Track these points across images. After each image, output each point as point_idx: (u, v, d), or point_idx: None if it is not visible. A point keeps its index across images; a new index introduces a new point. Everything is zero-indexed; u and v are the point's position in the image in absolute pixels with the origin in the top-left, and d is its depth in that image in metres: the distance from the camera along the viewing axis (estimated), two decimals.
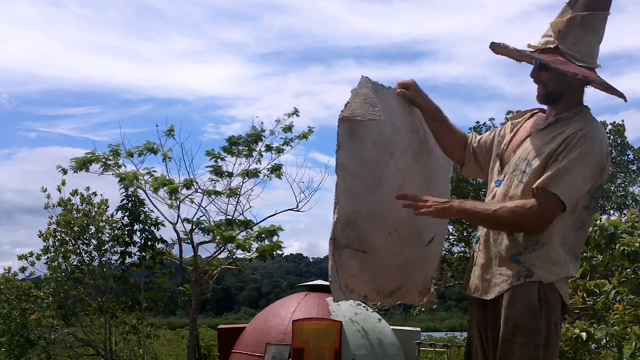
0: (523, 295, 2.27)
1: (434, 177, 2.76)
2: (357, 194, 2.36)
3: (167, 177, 9.67)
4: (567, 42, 2.30)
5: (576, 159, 2.22)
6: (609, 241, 4.19)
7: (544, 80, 2.35)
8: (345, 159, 2.31)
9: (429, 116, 2.65)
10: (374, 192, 2.42)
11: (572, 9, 2.30)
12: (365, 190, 2.39)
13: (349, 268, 2.36)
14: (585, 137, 2.24)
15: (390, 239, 2.52)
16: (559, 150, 2.25)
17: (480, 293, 2.42)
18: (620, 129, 14.70)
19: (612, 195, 13.99)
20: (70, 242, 10.46)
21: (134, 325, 10.75)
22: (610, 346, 4.37)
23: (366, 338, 8.32)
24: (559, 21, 2.32)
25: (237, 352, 8.81)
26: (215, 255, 10.17)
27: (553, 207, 2.22)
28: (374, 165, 2.42)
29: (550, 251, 2.28)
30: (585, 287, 4.73)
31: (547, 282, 2.27)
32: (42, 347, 10.75)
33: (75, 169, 9.49)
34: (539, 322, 2.24)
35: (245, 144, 9.95)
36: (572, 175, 2.21)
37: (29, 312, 10.64)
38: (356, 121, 2.32)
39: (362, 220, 2.37)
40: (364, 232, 2.39)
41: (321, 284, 9.84)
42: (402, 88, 2.60)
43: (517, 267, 2.30)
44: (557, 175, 2.22)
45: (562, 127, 2.30)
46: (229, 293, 56.44)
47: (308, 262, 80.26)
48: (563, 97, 2.35)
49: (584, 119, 2.31)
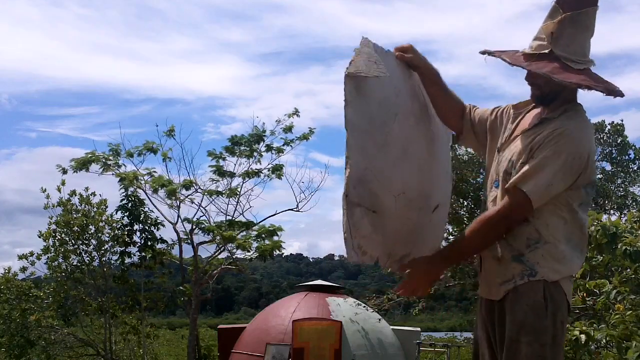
0: (528, 295, 2.27)
1: (434, 143, 2.76)
2: (367, 151, 2.36)
3: (165, 178, 9.67)
4: (561, 44, 2.28)
5: (548, 158, 2.23)
6: (610, 240, 4.17)
7: (539, 83, 2.35)
8: (354, 116, 2.30)
9: (428, 80, 2.64)
10: (383, 152, 2.41)
11: (561, 9, 2.28)
12: (374, 148, 2.38)
13: (361, 228, 2.33)
14: (559, 135, 2.24)
15: (399, 201, 2.50)
16: (534, 150, 2.27)
17: (488, 294, 2.43)
18: (619, 129, 14.69)
19: (612, 195, 13.98)
20: (70, 242, 10.45)
21: (134, 326, 10.74)
22: (611, 347, 4.37)
23: (366, 338, 8.32)
24: (550, 23, 2.30)
25: (237, 352, 8.81)
26: (215, 255, 10.17)
27: (522, 205, 2.25)
28: (380, 125, 2.41)
29: (554, 249, 2.29)
30: (585, 287, 4.73)
31: (552, 280, 2.27)
32: (42, 347, 10.75)
33: (75, 169, 9.49)
34: (545, 321, 2.24)
35: (248, 144, 9.96)
36: (542, 174, 2.23)
37: (29, 312, 10.63)
38: (361, 78, 2.32)
39: (372, 178, 2.37)
40: (375, 191, 2.38)
41: (321, 284, 9.84)
42: (400, 52, 2.59)
43: (520, 266, 2.30)
44: (527, 174, 2.24)
45: (544, 128, 2.31)
46: (229, 293, 56.45)
47: (308, 262, 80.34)
48: (558, 97, 2.35)
49: (567, 118, 2.31)
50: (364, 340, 8.29)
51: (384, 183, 2.43)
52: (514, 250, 2.32)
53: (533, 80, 2.37)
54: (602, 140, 14.71)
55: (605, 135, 14.68)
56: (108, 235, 10.50)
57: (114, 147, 9.75)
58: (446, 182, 2.90)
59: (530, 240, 2.30)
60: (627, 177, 14.82)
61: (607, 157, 14.84)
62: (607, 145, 14.75)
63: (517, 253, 2.32)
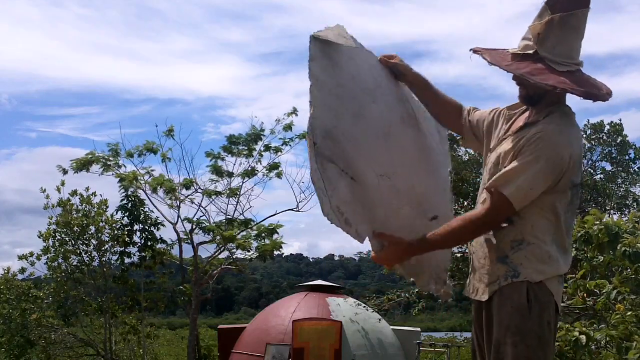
0: (512, 296, 2.27)
1: (430, 156, 2.77)
2: (335, 111, 2.33)
3: (164, 177, 9.67)
4: (547, 45, 2.26)
5: (527, 162, 2.24)
6: (612, 240, 4.17)
7: (524, 84, 2.36)
8: (319, 72, 2.29)
9: (418, 87, 2.68)
10: (356, 121, 2.40)
11: (550, 10, 2.25)
12: (344, 112, 2.37)
13: (338, 189, 2.26)
14: (539, 139, 2.24)
15: (384, 183, 2.48)
16: (516, 154, 2.28)
17: (476, 295, 2.44)
18: (618, 128, 14.66)
19: (613, 195, 13.96)
20: (70, 242, 10.46)
21: (134, 326, 10.75)
22: (611, 347, 4.36)
23: (366, 338, 8.31)
24: (537, 24, 2.28)
25: (237, 352, 8.81)
26: (215, 255, 10.17)
27: (503, 207, 2.26)
28: (353, 96, 2.42)
29: (538, 249, 2.28)
30: (585, 287, 4.72)
31: (535, 281, 2.27)
32: (42, 347, 10.75)
33: (75, 169, 9.50)
34: (529, 322, 2.23)
35: (245, 143, 9.96)
36: (522, 178, 2.23)
37: (29, 313, 10.63)
38: (328, 42, 2.33)
39: (344, 140, 2.33)
40: (349, 154, 2.33)
41: (321, 284, 9.83)
42: (385, 58, 2.65)
43: (504, 267, 2.31)
44: (509, 177, 2.25)
45: (527, 131, 2.31)
46: (229, 293, 56.46)
47: (308, 262, 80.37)
48: (544, 98, 2.34)
49: (549, 121, 2.29)
50: (364, 340, 8.28)
51: (360, 152, 2.39)
52: (499, 251, 2.33)
53: (517, 80, 2.37)
54: (601, 140, 14.70)
55: (605, 135, 14.67)
56: (108, 235, 10.51)
57: (113, 147, 9.76)
58: (445, 200, 2.87)
59: (514, 242, 2.30)
60: (627, 177, 14.80)
61: (607, 157, 14.83)
62: (606, 145, 14.73)
63: (501, 254, 2.32)
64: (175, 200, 9.70)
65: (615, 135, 14.59)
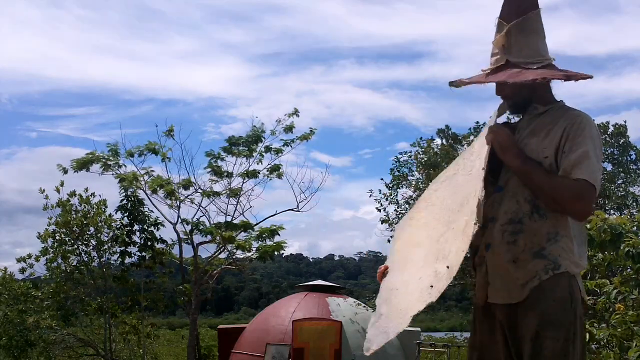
0: (554, 289, 2.24)
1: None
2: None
3: (164, 178, 9.66)
4: (514, 52, 2.35)
5: (586, 144, 2.23)
6: (615, 239, 4.15)
7: (506, 94, 2.43)
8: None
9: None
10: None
11: (505, 21, 2.37)
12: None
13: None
14: (584, 122, 2.28)
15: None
16: (562, 142, 2.27)
17: (507, 298, 2.33)
18: (622, 130, 14.66)
19: (612, 195, 13.96)
20: (70, 242, 10.45)
21: (134, 325, 10.74)
22: (612, 346, 4.35)
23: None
24: (499, 37, 2.39)
25: (237, 352, 8.81)
26: (215, 255, 10.16)
27: (590, 191, 2.20)
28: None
29: (570, 243, 2.28)
30: (586, 287, 4.71)
31: (573, 273, 2.27)
32: (41, 347, 10.74)
33: (75, 169, 9.49)
34: (570, 315, 2.22)
35: (245, 144, 9.94)
36: (591, 159, 2.22)
37: (28, 314, 10.62)
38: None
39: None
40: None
41: (321, 284, 9.83)
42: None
43: (542, 261, 2.26)
44: (577, 163, 2.21)
45: (549, 120, 2.34)
46: (229, 293, 56.51)
47: (308, 262, 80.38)
48: (531, 102, 2.40)
49: (569, 109, 2.36)
50: (364, 340, 8.27)
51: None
52: (534, 246, 2.27)
53: (503, 94, 2.45)
54: (604, 141, 14.70)
55: (608, 136, 14.67)
56: (107, 235, 10.51)
57: (113, 146, 9.75)
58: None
59: (550, 234, 2.27)
60: (627, 177, 14.80)
61: (608, 157, 14.82)
62: (609, 146, 14.73)
63: (537, 248, 2.27)
64: (175, 201, 9.69)
65: (618, 137, 14.59)
